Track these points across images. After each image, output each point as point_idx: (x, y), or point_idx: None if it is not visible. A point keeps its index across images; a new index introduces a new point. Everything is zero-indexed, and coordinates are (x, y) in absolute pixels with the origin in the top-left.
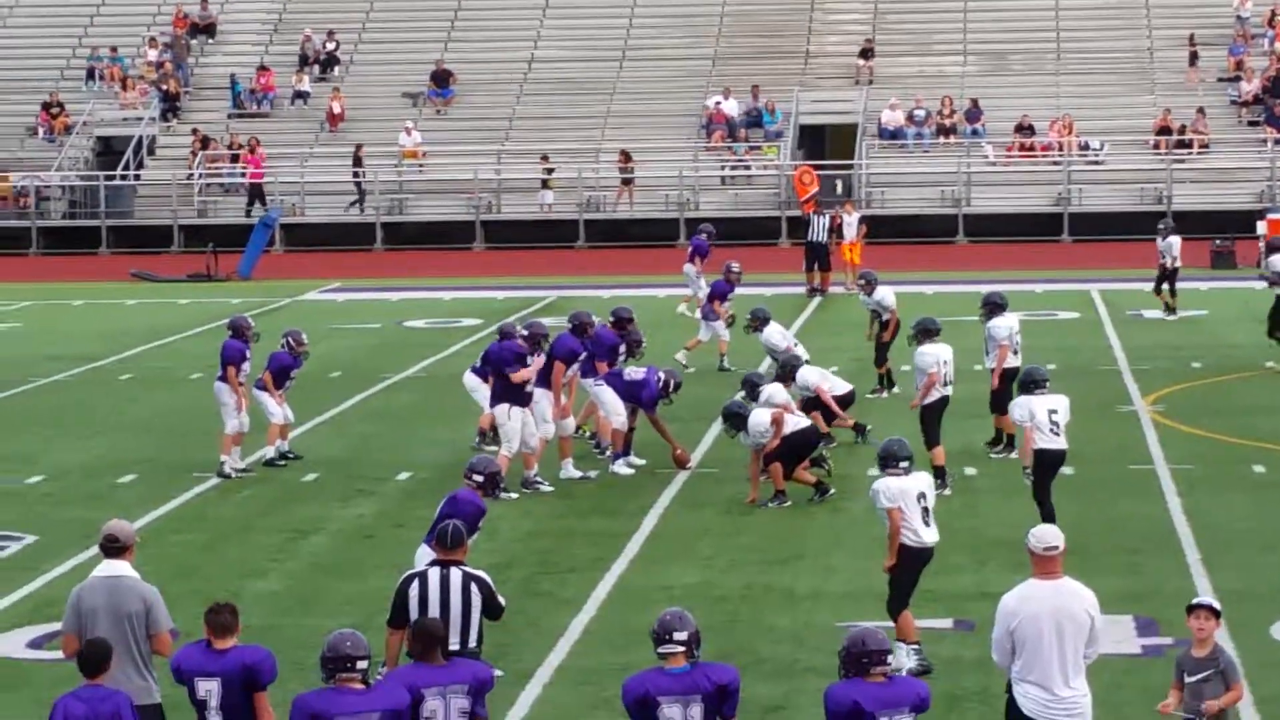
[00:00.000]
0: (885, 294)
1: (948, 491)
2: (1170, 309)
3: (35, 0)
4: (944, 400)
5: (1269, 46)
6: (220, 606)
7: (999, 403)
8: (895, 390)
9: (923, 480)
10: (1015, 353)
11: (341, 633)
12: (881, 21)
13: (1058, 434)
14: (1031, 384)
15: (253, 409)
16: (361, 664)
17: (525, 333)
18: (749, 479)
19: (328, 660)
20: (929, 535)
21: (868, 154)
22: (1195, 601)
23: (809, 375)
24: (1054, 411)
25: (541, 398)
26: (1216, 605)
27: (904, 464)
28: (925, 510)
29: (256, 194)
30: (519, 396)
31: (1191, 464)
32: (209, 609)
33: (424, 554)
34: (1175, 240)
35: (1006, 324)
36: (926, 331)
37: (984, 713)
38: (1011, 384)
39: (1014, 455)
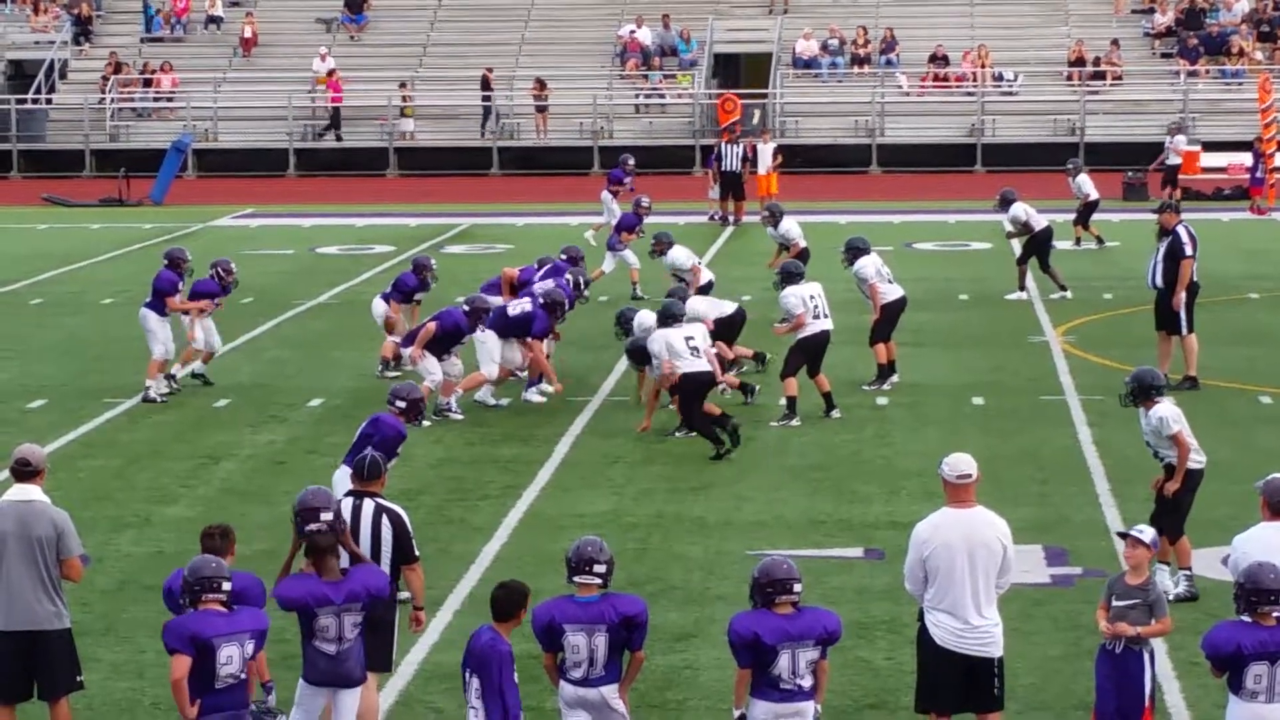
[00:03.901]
0: (790, 225)
1: (796, 422)
2: (1100, 240)
3: None
4: (824, 334)
5: None
6: (211, 530)
7: (878, 335)
8: None
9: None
10: (890, 282)
11: (204, 556)
12: None
13: (698, 356)
14: (668, 318)
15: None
16: (226, 585)
17: (467, 307)
18: (644, 406)
19: (194, 583)
20: (1203, 456)
21: (782, 83)
22: (1128, 530)
23: (697, 305)
24: (690, 338)
25: (489, 337)
26: (1147, 540)
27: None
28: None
29: (335, 120)
30: (443, 351)
31: (1102, 395)
32: (202, 533)
33: (342, 476)
34: (1085, 178)
35: (871, 262)
36: (789, 275)
37: (894, 641)
38: (896, 316)
39: (885, 386)
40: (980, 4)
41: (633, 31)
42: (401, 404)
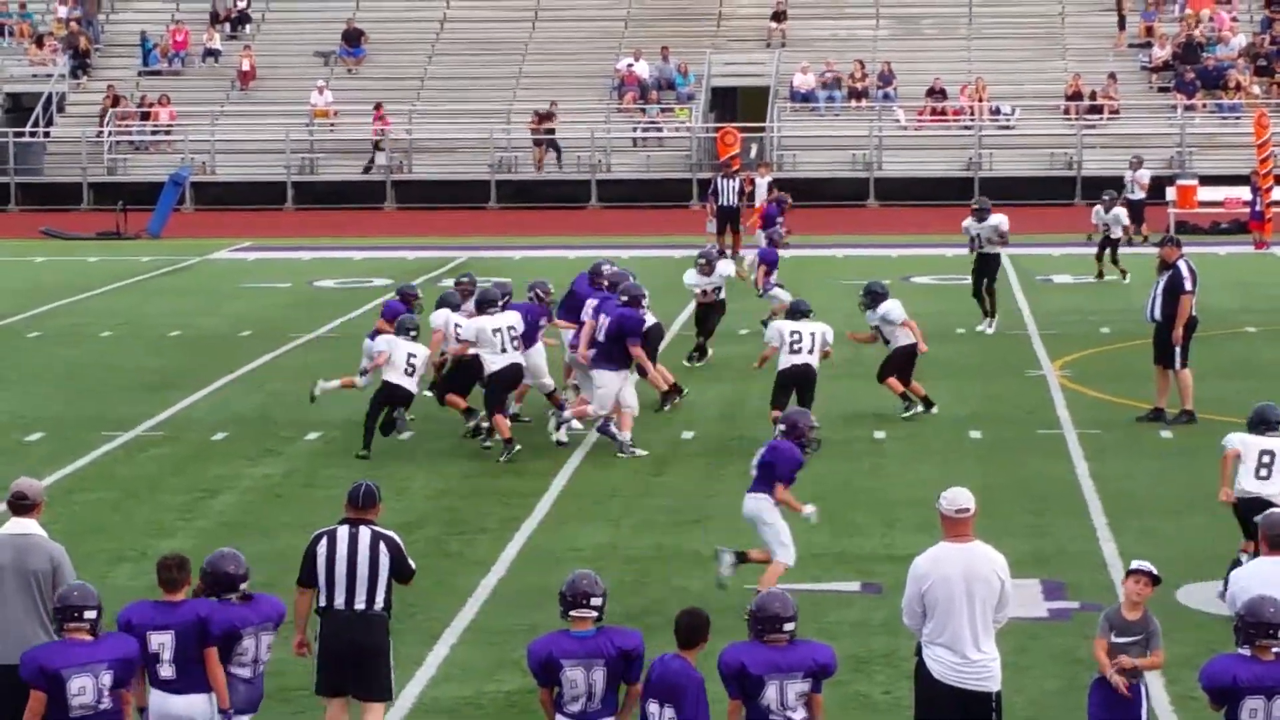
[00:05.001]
0: (726, 268)
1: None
2: (1101, 274)
3: None
4: (797, 368)
5: (1179, 12)
6: (168, 562)
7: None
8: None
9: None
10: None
11: (70, 584)
12: None
13: (411, 375)
14: (405, 330)
15: None
16: (89, 614)
17: (625, 298)
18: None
19: (57, 611)
20: (1253, 486)
21: (779, 117)
22: (1135, 566)
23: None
24: (412, 355)
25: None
26: (1156, 572)
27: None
28: (1264, 466)
29: (378, 148)
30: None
31: (1099, 428)
32: (158, 564)
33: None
34: (1120, 211)
35: (898, 304)
36: (793, 311)
37: (891, 675)
38: (912, 358)
39: (917, 412)
40: (977, 38)
41: (630, 65)
42: (782, 427)
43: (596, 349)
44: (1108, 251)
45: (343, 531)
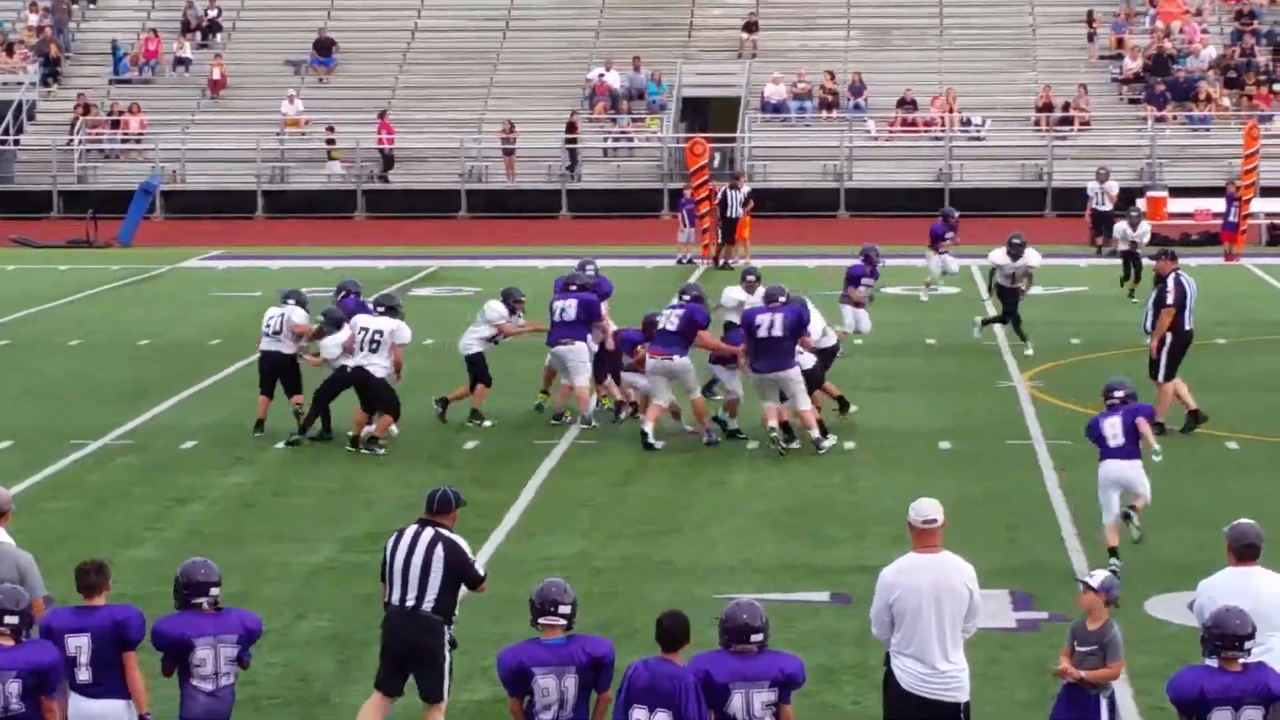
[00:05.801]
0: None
1: (797, 444)
2: (1133, 291)
3: None
4: (829, 352)
5: (1150, 24)
6: (86, 566)
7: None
8: None
9: None
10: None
11: (1, 586)
12: None
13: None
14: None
15: None
16: (10, 619)
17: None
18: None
19: None
20: None
21: (750, 127)
22: (1080, 578)
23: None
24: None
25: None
26: (1095, 584)
27: None
28: None
29: (388, 163)
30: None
31: (1069, 440)
32: (76, 569)
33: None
34: (1148, 224)
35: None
36: None
37: (860, 686)
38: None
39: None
40: (948, 49)
41: (602, 75)
42: (1120, 394)
43: (661, 339)
44: (1132, 264)
45: (410, 530)
